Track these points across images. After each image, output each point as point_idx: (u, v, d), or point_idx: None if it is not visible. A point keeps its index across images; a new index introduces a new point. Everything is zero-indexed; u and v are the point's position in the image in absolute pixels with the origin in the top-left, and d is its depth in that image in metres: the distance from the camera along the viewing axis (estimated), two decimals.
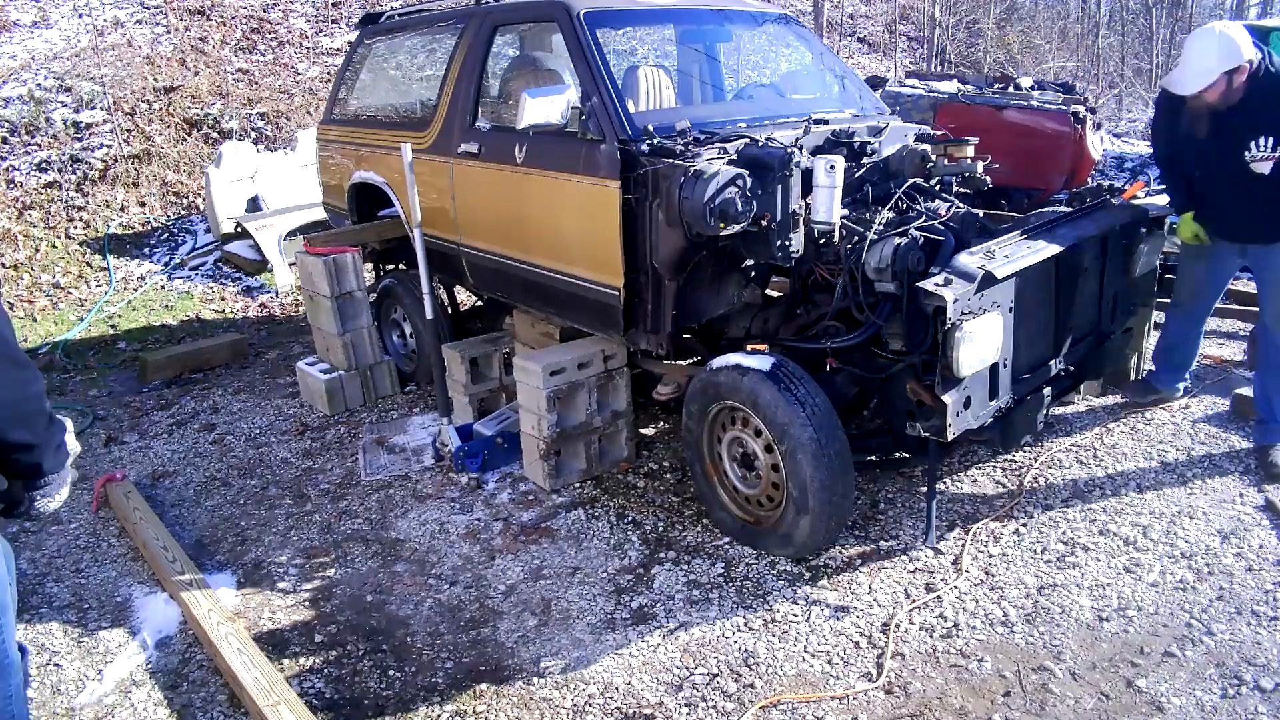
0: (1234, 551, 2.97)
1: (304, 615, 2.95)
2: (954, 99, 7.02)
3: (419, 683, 2.60)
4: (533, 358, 3.57)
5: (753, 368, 2.89)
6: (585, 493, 3.62)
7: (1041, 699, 2.39)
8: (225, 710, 2.53)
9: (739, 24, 4.40)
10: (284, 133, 8.63)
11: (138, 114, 8.14)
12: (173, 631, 2.88)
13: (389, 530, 3.43)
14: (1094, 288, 3.31)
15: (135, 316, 6.36)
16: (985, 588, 2.87)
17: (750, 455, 3.06)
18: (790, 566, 3.02)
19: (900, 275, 2.71)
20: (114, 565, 3.30)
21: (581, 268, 3.42)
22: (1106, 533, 3.13)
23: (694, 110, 4.08)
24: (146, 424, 4.62)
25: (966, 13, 17.97)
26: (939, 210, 3.04)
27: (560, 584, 3.02)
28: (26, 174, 7.38)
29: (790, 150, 2.86)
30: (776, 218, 2.88)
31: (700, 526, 3.31)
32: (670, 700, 2.46)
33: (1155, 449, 3.69)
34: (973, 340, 2.61)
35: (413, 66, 4.94)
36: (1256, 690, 2.37)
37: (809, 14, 13.69)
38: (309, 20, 10.33)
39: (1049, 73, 16.46)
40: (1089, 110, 6.46)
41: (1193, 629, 2.62)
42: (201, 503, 3.76)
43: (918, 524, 3.24)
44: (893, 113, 4.18)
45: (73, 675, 2.72)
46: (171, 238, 7.43)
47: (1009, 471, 3.58)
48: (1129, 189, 3.84)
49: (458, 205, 4.05)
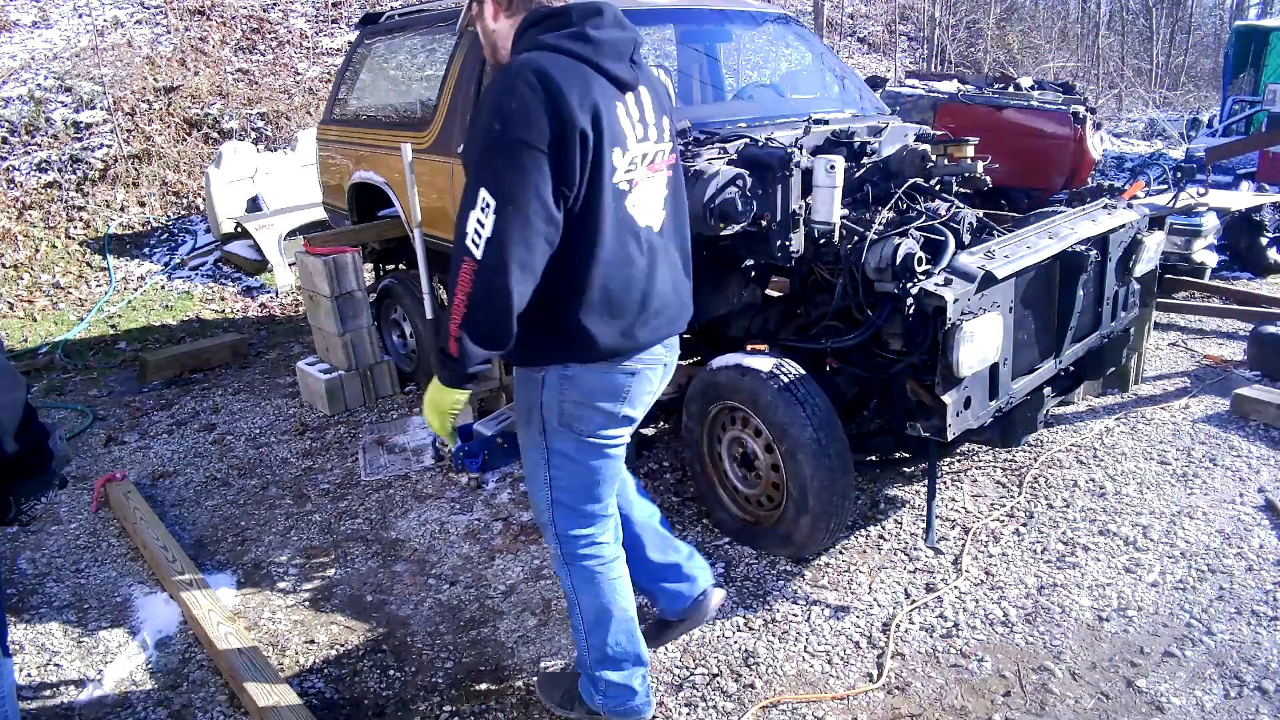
0: (1234, 551, 2.97)
1: (304, 615, 2.95)
2: (954, 99, 7.02)
3: (419, 683, 2.60)
4: None
5: (753, 368, 2.89)
6: None
7: (1041, 699, 2.39)
8: (225, 710, 2.53)
9: (739, 24, 4.40)
10: (284, 133, 8.63)
11: (138, 114, 8.14)
12: (173, 631, 2.88)
13: (389, 530, 3.43)
14: (1094, 288, 3.31)
15: (135, 316, 6.36)
16: (985, 588, 2.87)
17: (750, 455, 3.06)
18: (790, 566, 3.02)
19: (900, 275, 2.70)
20: (114, 565, 3.30)
21: None
22: (1106, 533, 3.13)
23: (694, 110, 4.08)
24: (146, 424, 4.62)
25: (966, 13, 17.97)
26: (939, 210, 3.04)
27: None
28: (26, 174, 7.38)
29: (790, 150, 2.86)
30: (776, 218, 2.88)
31: (700, 526, 3.31)
32: (670, 700, 2.46)
33: (1155, 449, 3.70)
34: (973, 340, 2.61)
35: (413, 66, 4.94)
36: (1257, 690, 2.37)
37: (809, 14, 13.69)
38: (309, 20, 10.33)
39: (1049, 73, 16.47)
40: (1089, 110, 6.46)
41: (1193, 629, 2.62)
42: (201, 503, 3.76)
43: (918, 524, 3.24)
44: (893, 113, 4.18)
45: (73, 675, 2.71)
46: (171, 238, 7.43)
47: (1009, 471, 3.58)
48: (1129, 189, 3.84)
49: (458, 205, 4.04)
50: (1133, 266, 3.45)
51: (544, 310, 1.79)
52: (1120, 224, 3.33)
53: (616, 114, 1.78)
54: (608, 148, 1.75)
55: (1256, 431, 3.79)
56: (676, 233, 2.01)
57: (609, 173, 1.76)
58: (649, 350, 1.95)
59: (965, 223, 3.12)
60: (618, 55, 1.80)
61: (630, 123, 1.83)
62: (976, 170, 3.30)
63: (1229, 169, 7.87)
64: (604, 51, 1.77)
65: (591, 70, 1.75)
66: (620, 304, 1.84)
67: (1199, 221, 5.64)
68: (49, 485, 1.78)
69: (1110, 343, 3.51)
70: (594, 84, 1.74)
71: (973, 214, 3.23)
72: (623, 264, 1.82)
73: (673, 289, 1.97)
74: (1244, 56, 11.02)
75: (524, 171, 1.66)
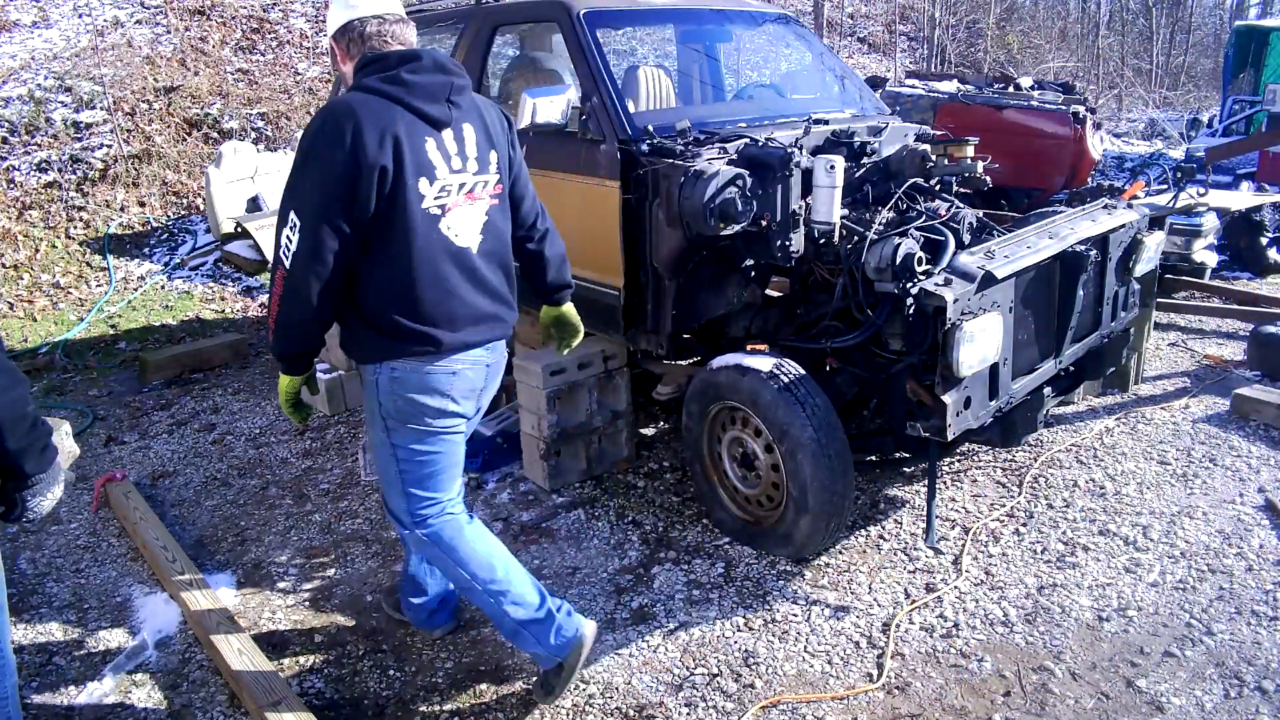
0: (1234, 551, 2.98)
1: (304, 615, 2.95)
2: (954, 99, 7.02)
3: (419, 683, 2.60)
4: (533, 358, 3.57)
5: (753, 368, 2.89)
6: (585, 493, 3.62)
7: (1041, 699, 2.39)
8: (225, 710, 2.53)
9: (739, 24, 4.40)
10: (284, 133, 8.63)
11: (138, 114, 8.14)
12: (173, 631, 2.88)
13: (389, 530, 3.42)
14: (1094, 288, 3.31)
15: (135, 316, 6.35)
16: (985, 588, 2.87)
17: (750, 455, 3.06)
18: (790, 566, 3.02)
19: (900, 275, 2.71)
20: (114, 565, 3.30)
21: (581, 268, 3.41)
22: (1106, 533, 3.13)
23: (694, 110, 4.09)
24: (146, 424, 4.62)
25: (966, 13, 17.98)
26: (939, 210, 3.04)
27: (560, 584, 3.02)
28: (26, 174, 7.38)
29: (790, 150, 2.86)
30: (776, 218, 2.88)
31: (700, 526, 3.31)
32: (670, 700, 2.46)
33: (1155, 449, 3.70)
34: (973, 340, 2.61)
35: None
36: (1257, 691, 2.37)
37: (809, 14, 13.69)
38: (309, 20, 10.33)
39: (1049, 73, 16.47)
40: (1089, 110, 6.47)
41: (1193, 629, 2.62)
42: (201, 503, 3.76)
43: (918, 524, 3.24)
44: (893, 113, 4.18)
45: (73, 675, 2.71)
46: (171, 238, 7.43)
47: (1009, 471, 3.58)
48: (1129, 189, 3.84)
49: None
50: (1133, 266, 3.45)
51: (371, 315, 2.11)
52: (1120, 224, 3.33)
53: (425, 148, 2.05)
54: (411, 177, 2.02)
55: (1256, 431, 3.79)
56: (496, 252, 2.26)
57: (416, 199, 2.04)
58: (467, 352, 2.19)
59: (965, 223, 3.12)
60: (431, 97, 2.06)
61: (443, 156, 2.09)
62: (976, 170, 3.31)
63: (1229, 169, 7.87)
64: (417, 93, 2.04)
65: (403, 110, 2.02)
66: (434, 313, 2.11)
67: (1199, 221, 5.65)
68: (56, 481, 1.79)
69: (1110, 343, 3.51)
70: (401, 122, 2.00)
71: (973, 214, 3.23)
72: (437, 279, 2.11)
73: (490, 301, 2.23)
74: (1244, 56, 11.01)
75: (322, 196, 1.96)
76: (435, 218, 2.09)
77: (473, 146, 2.16)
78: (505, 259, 2.30)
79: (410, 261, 2.07)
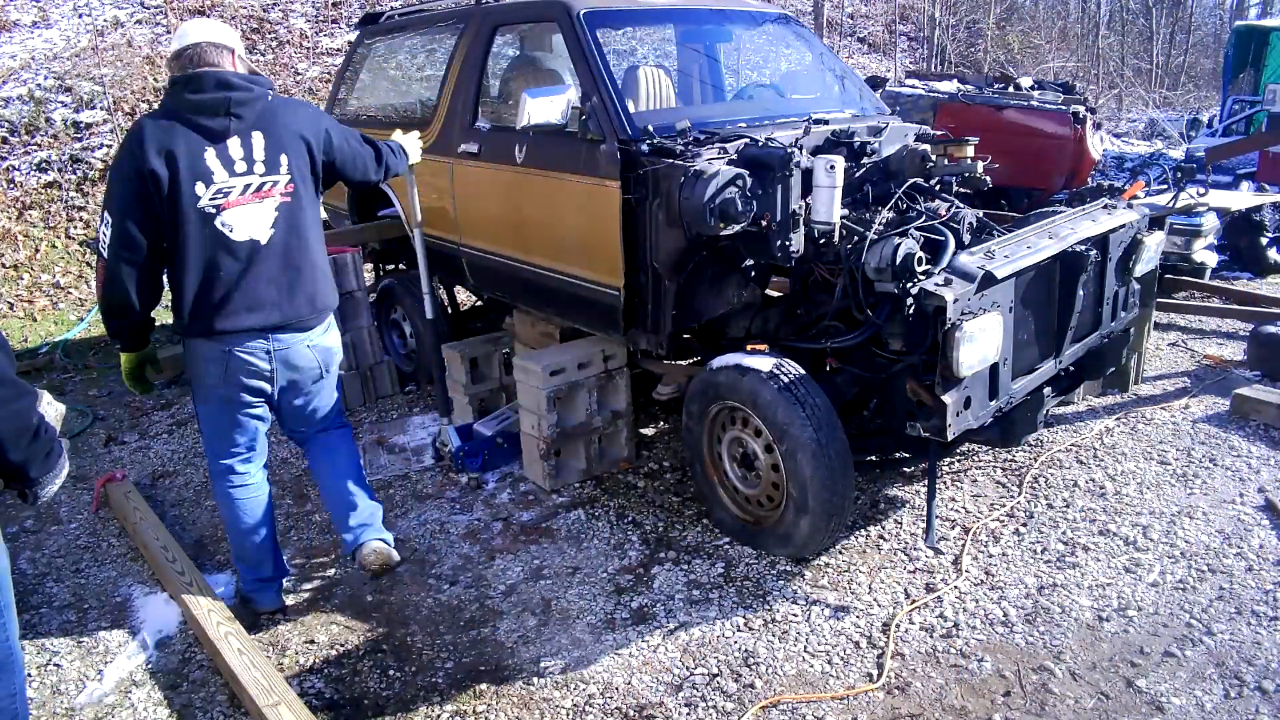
0: (1234, 551, 2.97)
1: (304, 615, 2.95)
2: (954, 99, 7.02)
3: (419, 683, 2.60)
4: (533, 358, 3.57)
5: (753, 368, 2.89)
6: (585, 493, 3.62)
7: (1041, 699, 2.39)
8: (225, 710, 2.53)
9: (739, 24, 4.40)
10: None
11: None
12: (173, 631, 2.88)
13: (389, 530, 3.42)
14: (1094, 288, 3.31)
15: None
16: (985, 588, 2.87)
17: (750, 455, 3.06)
18: (790, 566, 3.02)
19: (900, 275, 2.70)
20: (114, 565, 3.30)
21: (581, 268, 3.42)
22: (1106, 533, 3.13)
23: (694, 110, 4.08)
24: (146, 424, 4.62)
25: (966, 13, 17.98)
26: (939, 210, 3.04)
27: (560, 584, 3.02)
28: (26, 174, 7.38)
29: (790, 150, 2.86)
30: (776, 218, 2.88)
31: (700, 526, 3.31)
32: (670, 700, 2.46)
33: (1155, 449, 3.70)
34: (973, 340, 2.61)
35: (413, 66, 4.94)
36: (1257, 690, 2.37)
37: (809, 14, 13.69)
38: (309, 20, 10.33)
39: (1049, 73, 16.47)
40: (1089, 110, 6.47)
41: (1193, 629, 2.62)
42: (201, 503, 3.76)
43: (918, 524, 3.24)
44: (893, 113, 4.18)
45: (73, 675, 2.71)
46: None
47: (1009, 471, 3.58)
48: (1129, 189, 3.84)
49: (458, 205, 4.05)
50: (1133, 266, 3.45)
51: (173, 298, 2.54)
52: (1120, 224, 3.33)
53: (203, 157, 2.43)
54: (187, 183, 2.41)
55: (1256, 431, 3.79)
56: (291, 243, 2.58)
57: (191, 200, 2.42)
58: (245, 335, 2.54)
59: (965, 223, 3.12)
60: (210, 112, 2.44)
61: (223, 162, 2.46)
62: (976, 170, 3.30)
63: (1229, 169, 7.87)
64: (195, 109, 2.43)
65: (182, 125, 2.42)
66: (210, 298, 2.49)
67: (1199, 221, 5.64)
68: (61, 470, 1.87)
69: (1110, 343, 3.51)
70: (178, 135, 2.41)
71: (973, 214, 3.23)
72: (211, 268, 2.48)
73: (275, 289, 2.56)
74: (1244, 56, 11.00)
75: (121, 199, 2.41)
76: (210, 215, 2.46)
77: (260, 151, 2.51)
78: (301, 252, 2.61)
79: (187, 253, 2.46)
